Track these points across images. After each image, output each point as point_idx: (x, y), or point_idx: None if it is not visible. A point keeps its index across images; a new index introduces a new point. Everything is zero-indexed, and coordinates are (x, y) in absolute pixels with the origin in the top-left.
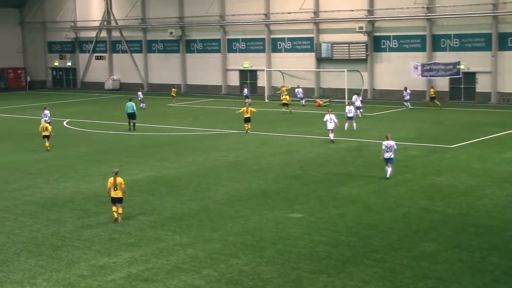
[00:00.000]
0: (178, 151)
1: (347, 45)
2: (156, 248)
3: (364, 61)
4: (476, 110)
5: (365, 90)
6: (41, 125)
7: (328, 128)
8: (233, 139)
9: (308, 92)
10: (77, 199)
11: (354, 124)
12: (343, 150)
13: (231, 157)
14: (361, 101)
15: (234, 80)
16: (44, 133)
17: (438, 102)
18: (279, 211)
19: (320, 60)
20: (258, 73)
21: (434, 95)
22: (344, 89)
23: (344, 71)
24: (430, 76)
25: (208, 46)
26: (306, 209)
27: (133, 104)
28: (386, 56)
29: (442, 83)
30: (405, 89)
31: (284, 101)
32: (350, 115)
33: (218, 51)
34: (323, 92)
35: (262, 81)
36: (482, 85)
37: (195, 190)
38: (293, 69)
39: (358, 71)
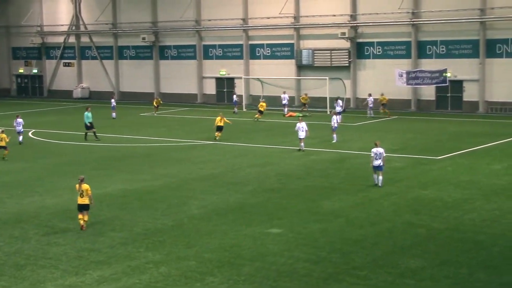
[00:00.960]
0: (151, 163)
1: (329, 51)
2: (127, 266)
3: (346, 68)
4: (463, 119)
5: (348, 99)
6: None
7: (300, 137)
8: (209, 151)
9: (290, 101)
10: (43, 214)
11: (334, 136)
12: (325, 162)
13: (207, 169)
14: (342, 107)
15: (210, 88)
16: (0, 144)
17: (387, 110)
18: (257, 226)
19: (300, 68)
20: (236, 81)
21: (385, 102)
22: (326, 97)
23: (325, 79)
24: (416, 84)
25: (183, 53)
26: (286, 224)
27: (91, 113)
28: (370, 63)
29: (428, 92)
30: (369, 95)
31: (260, 108)
32: (334, 125)
33: (194, 57)
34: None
35: (239, 90)
36: (470, 93)
37: (169, 204)
38: (272, 76)
39: (341, 79)
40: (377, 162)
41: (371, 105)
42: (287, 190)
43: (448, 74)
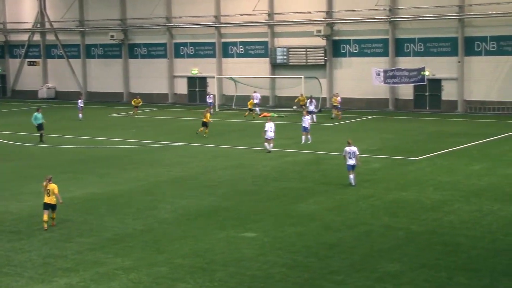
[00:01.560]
0: (120, 166)
1: (304, 49)
2: (95, 273)
3: (322, 67)
4: (442, 119)
5: (324, 99)
6: None
7: (267, 137)
8: (180, 152)
9: (262, 100)
10: (7, 220)
11: (309, 137)
12: (300, 163)
13: (178, 171)
14: (316, 107)
15: (181, 88)
16: None
17: (338, 113)
18: (231, 231)
19: (275, 66)
20: (208, 80)
21: (337, 104)
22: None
23: (301, 77)
24: (393, 83)
25: (153, 51)
26: (261, 228)
27: (41, 115)
28: (346, 61)
29: (406, 91)
30: (311, 97)
31: (249, 106)
32: (305, 125)
33: (164, 56)
34: (278, 101)
35: (212, 89)
36: (448, 92)
37: (139, 208)
38: (246, 75)
39: (316, 78)
40: (352, 161)
41: (311, 109)
42: (261, 193)
43: (426, 73)
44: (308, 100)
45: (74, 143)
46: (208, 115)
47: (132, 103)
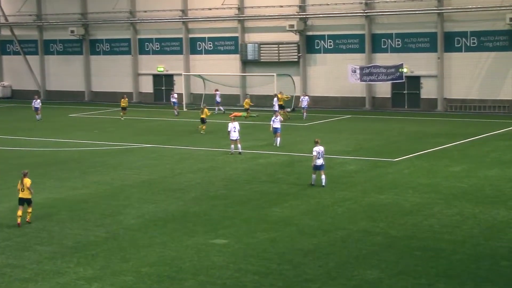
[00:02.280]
0: (82, 169)
1: (277, 45)
2: (56, 283)
3: (295, 64)
4: (421, 118)
5: (297, 97)
6: None
7: (232, 138)
8: (146, 154)
9: (232, 99)
10: None
11: (278, 139)
12: (273, 165)
13: (145, 175)
14: (279, 106)
15: (147, 86)
16: None
17: (285, 113)
18: (201, 237)
19: (246, 63)
20: (175, 78)
21: (282, 103)
22: (273, 95)
23: (273, 75)
24: (370, 80)
25: (116, 47)
26: (232, 234)
27: None
28: (321, 58)
29: (384, 88)
30: (275, 96)
31: (246, 106)
32: (276, 125)
33: (128, 52)
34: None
35: (179, 87)
36: (428, 90)
37: (102, 214)
38: (215, 73)
39: (289, 76)
40: (320, 161)
41: (305, 105)
42: (233, 197)
43: (405, 70)
44: (302, 96)
45: (31, 145)
46: (206, 110)
47: (121, 103)
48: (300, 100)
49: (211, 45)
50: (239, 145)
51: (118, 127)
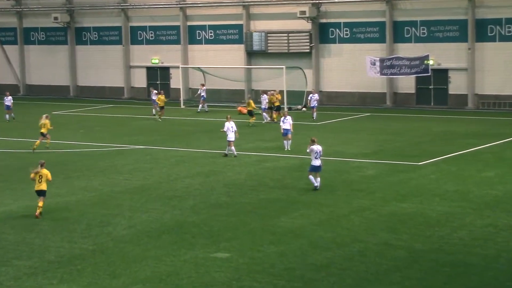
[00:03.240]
0: (67, 173)
1: (286, 35)
2: None
3: (307, 55)
4: (449, 117)
5: (310, 92)
6: None
7: (229, 139)
8: (139, 157)
9: (236, 95)
10: None
11: (288, 142)
12: (282, 169)
13: (137, 180)
14: (277, 107)
15: (140, 80)
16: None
17: (275, 115)
18: (200, 250)
19: (251, 55)
20: (171, 71)
21: (278, 104)
22: (282, 91)
23: (282, 68)
24: (391, 74)
25: (106, 36)
26: (235, 247)
27: None
28: (336, 48)
29: (407, 83)
30: (312, 93)
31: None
32: (286, 127)
33: (119, 42)
34: (255, 95)
35: (176, 82)
36: (457, 85)
37: (89, 224)
38: (216, 65)
39: (300, 68)
40: (318, 162)
41: (314, 104)
42: (236, 205)
43: (431, 62)
44: (311, 94)
45: (9, 146)
46: (251, 102)
47: (157, 101)
48: (309, 98)
49: (212, 34)
50: (232, 148)
51: (106, 126)
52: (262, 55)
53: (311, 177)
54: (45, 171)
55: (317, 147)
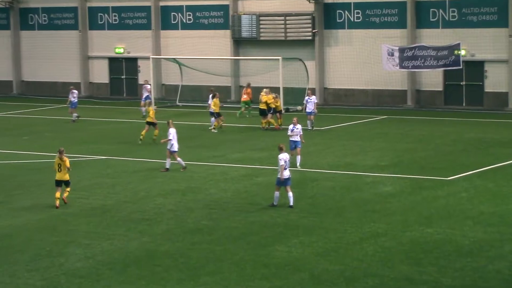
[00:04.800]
0: (7, 191)
1: (282, 18)
2: None
3: (309, 43)
4: (485, 120)
5: (312, 90)
6: None
7: (173, 150)
8: (98, 170)
9: (221, 93)
10: None
11: (298, 157)
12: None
13: (96, 199)
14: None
15: (100, 74)
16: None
17: (272, 121)
18: (176, 287)
19: (239, 43)
20: (140, 63)
21: (278, 106)
22: (278, 88)
23: (277, 59)
24: (414, 67)
25: (58, 19)
26: (219, 283)
27: None
28: (345, 35)
29: (433, 78)
30: (310, 93)
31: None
32: (295, 138)
33: (74, 27)
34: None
35: (145, 76)
36: (495, 81)
37: (36, 254)
38: (196, 56)
39: (300, 60)
40: (287, 173)
41: (311, 110)
42: (220, 231)
43: (462, 52)
44: (307, 97)
45: None
46: (271, 98)
47: (213, 107)
48: (304, 102)
49: (190, 17)
50: (179, 159)
51: (58, 131)
52: (253, 43)
53: (277, 193)
54: (64, 159)
55: (285, 156)
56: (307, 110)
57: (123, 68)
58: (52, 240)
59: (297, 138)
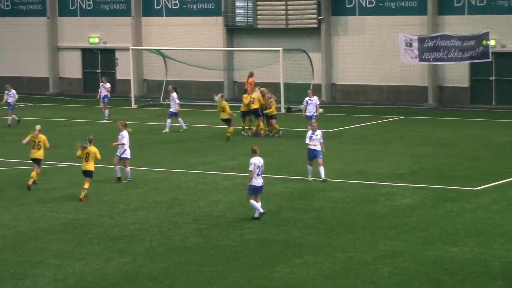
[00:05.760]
0: None
1: (283, 2)
2: None
3: (314, 32)
4: None
5: (317, 86)
6: None
7: (125, 157)
8: (70, 179)
9: (212, 91)
10: None
11: (320, 169)
12: (278, 197)
13: (68, 212)
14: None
15: (72, 68)
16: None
17: (267, 128)
18: None
19: (233, 32)
20: (118, 55)
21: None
22: (278, 84)
23: (278, 51)
24: (435, 60)
25: (22, 4)
26: None
27: None
28: (355, 23)
29: (458, 73)
30: (313, 93)
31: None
32: (315, 147)
33: (42, 13)
34: (238, 89)
35: (124, 70)
36: None
37: None
38: (183, 47)
39: (304, 52)
40: (260, 181)
41: (312, 113)
42: (211, 249)
43: (492, 42)
44: (307, 97)
45: None
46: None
47: (221, 108)
48: (304, 103)
49: (176, 2)
50: (128, 168)
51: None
52: (249, 32)
53: (253, 202)
54: (93, 149)
55: (259, 160)
56: (307, 113)
57: (99, 61)
58: (16, 260)
59: (317, 147)
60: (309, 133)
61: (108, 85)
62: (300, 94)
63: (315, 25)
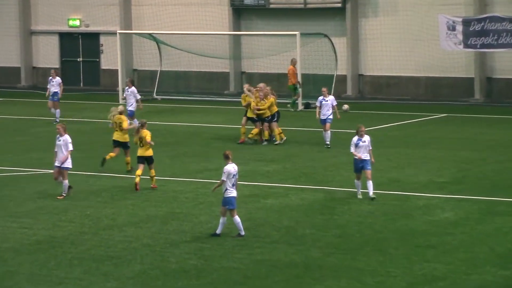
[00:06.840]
0: None
1: None
2: None
3: (337, 13)
4: None
5: (342, 78)
6: None
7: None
8: (46, 189)
9: (216, 83)
10: None
11: (369, 183)
12: (294, 211)
13: (43, 228)
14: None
15: (48, 56)
16: None
17: (274, 134)
18: None
19: (240, 12)
20: (103, 40)
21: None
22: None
23: (295, 35)
24: (483, 46)
25: None
26: None
27: None
28: (387, 2)
29: (509, 62)
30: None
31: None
32: (363, 155)
33: None
34: (248, 81)
35: (111, 59)
36: None
37: None
38: (180, 31)
39: (326, 36)
40: (234, 193)
41: (328, 115)
42: (214, 273)
43: None
44: (321, 97)
45: None
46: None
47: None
48: (318, 103)
49: None
50: (66, 181)
51: None
52: (259, 13)
53: (223, 219)
54: (145, 133)
55: (234, 168)
56: (322, 116)
57: (80, 48)
58: None
59: (366, 156)
60: (355, 139)
61: (58, 79)
62: (320, 88)
63: (339, 4)
